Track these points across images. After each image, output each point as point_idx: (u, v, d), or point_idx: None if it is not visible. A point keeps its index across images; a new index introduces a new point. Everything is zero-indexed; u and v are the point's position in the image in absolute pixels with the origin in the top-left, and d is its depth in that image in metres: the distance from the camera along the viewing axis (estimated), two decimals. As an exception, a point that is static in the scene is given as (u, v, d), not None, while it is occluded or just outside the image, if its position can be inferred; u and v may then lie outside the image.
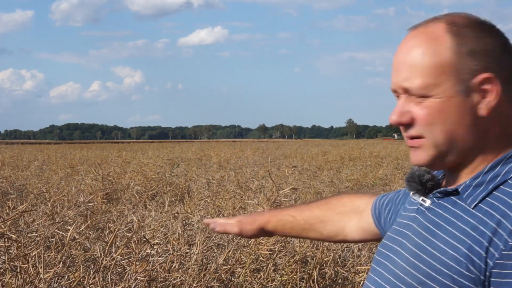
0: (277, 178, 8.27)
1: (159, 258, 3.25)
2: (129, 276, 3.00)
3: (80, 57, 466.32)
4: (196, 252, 3.37)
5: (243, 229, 1.55)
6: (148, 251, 3.24)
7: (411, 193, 1.18)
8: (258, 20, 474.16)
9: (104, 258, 2.97)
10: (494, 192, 1.03)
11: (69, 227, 3.57)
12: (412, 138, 1.10)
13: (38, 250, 2.97)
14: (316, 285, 3.31)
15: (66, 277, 3.01)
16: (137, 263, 3.01)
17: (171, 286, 3.11)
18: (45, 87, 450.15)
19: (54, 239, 3.56)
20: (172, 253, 3.32)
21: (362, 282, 3.43)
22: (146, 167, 10.60)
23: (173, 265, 3.26)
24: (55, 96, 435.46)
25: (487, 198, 1.02)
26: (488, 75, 1.03)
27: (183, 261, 3.35)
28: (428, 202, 1.12)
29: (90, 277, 2.89)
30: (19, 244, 3.12)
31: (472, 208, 1.03)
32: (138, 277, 2.93)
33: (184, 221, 4.39)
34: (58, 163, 13.59)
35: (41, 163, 13.66)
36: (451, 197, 1.09)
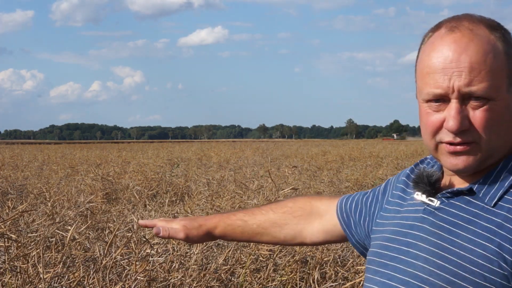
0: (277, 178, 8.27)
1: (159, 258, 3.25)
2: (129, 276, 3.00)
3: (80, 57, 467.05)
4: (196, 252, 3.37)
5: (189, 234, 1.48)
6: (148, 251, 3.24)
7: (416, 194, 1.17)
8: (258, 20, 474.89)
9: (104, 258, 2.97)
10: (511, 190, 1.05)
11: (69, 227, 3.57)
12: (462, 143, 1.06)
13: (38, 250, 2.97)
14: (316, 285, 3.31)
15: (66, 277, 3.01)
16: (137, 263, 3.01)
17: (171, 286, 3.11)
18: (45, 87, 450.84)
19: (54, 239, 3.56)
20: (172, 253, 3.32)
21: (362, 282, 3.43)
22: (146, 167, 10.61)
23: (173, 265, 3.26)
24: (55, 96, 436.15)
25: (505, 196, 1.04)
26: None
27: (183, 261, 3.35)
28: (437, 202, 1.11)
29: (90, 277, 2.89)
30: (19, 244, 3.12)
31: (492, 207, 1.04)
32: (138, 277, 2.93)
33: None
34: (58, 163, 13.59)
35: (41, 163, 13.67)
36: (463, 196, 1.09)
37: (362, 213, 1.36)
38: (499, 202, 1.04)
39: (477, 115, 1.04)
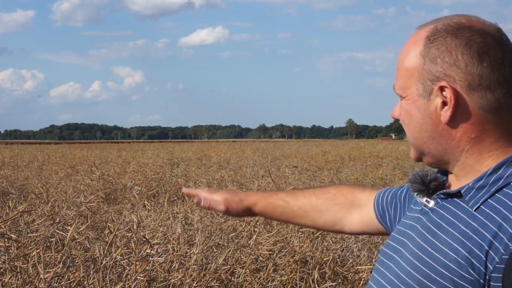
0: (277, 178, 8.27)
1: (159, 258, 3.25)
2: (128, 276, 3.00)
3: (81, 57, 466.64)
4: (196, 252, 3.37)
5: (229, 207, 1.52)
6: (148, 251, 3.24)
7: (415, 194, 1.17)
8: (258, 20, 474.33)
9: (104, 258, 2.97)
10: (496, 195, 1.02)
11: (69, 227, 3.57)
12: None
13: (38, 250, 2.97)
14: (316, 285, 3.32)
15: (66, 277, 3.01)
16: (137, 263, 3.01)
17: (171, 286, 3.11)
18: (45, 87, 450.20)
19: (54, 239, 3.56)
20: (172, 253, 3.32)
21: (361, 282, 3.44)
22: (146, 167, 10.61)
23: (173, 265, 3.26)
24: (55, 96, 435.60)
25: (489, 200, 1.02)
26: (444, 83, 1.04)
27: (183, 261, 3.35)
28: (431, 203, 1.11)
29: (90, 277, 2.89)
30: (19, 244, 3.12)
31: (474, 211, 1.02)
32: (138, 277, 2.94)
33: (184, 221, 4.39)
34: (58, 163, 13.59)
35: (41, 163, 13.67)
36: (455, 199, 1.08)
37: (397, 208, 1.36)
38: (481, 206, 1.02)
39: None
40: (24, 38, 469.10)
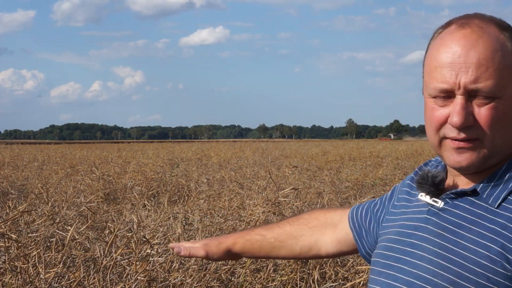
0: (277, 178, 8.26)
1: (159, 258, 3.25)
2: (129, 276, 3.00)
3: (81, 57, 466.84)
4: (196, 252, 3.36)
5: (209, 251, 1.51)
6: (148, 251, 3.24)
7: (420, 195, 1.16)
8: (258, 20, 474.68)
9: (104, 258, 2.97)
10: None
11: (69, 227, 3.57)
12: (465, 139, 1.06)
13: (38, 250, 2.97)
14: (316, 285, 3.31)
15: (66, 277, 3.01)
16: (137, 263, 3.01)
17: (171, 286, 3.11)
18: (46, 87, 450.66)
19: (54, 239, 3.56)
20: (172, 253, 3.32)
21: (362, 282, 3.43)
22: (146, 167, 10.61)
23: (173, 265, 3.26)
24: (56, 96, 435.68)
25: (509, 197, 1.03)
26: None
27: (183, 261, 3.35)
28: (440, 203, 1.11)
29: (90, 277, 2.89)
30: (19, 244, 3.12)
31: (496, 208, 1.03)
32: (138, 277, 2.93)
33: (184, 221, 4.39)
34: (58, 163, 13.59)
35: (41, 163, 13.66)
36: (467, 197, 1.08)
37: (371, 220, 1.37)
38: (503, 203, 1.03)
39: (482, 112, 1.04)
40: (25, 38, 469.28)
